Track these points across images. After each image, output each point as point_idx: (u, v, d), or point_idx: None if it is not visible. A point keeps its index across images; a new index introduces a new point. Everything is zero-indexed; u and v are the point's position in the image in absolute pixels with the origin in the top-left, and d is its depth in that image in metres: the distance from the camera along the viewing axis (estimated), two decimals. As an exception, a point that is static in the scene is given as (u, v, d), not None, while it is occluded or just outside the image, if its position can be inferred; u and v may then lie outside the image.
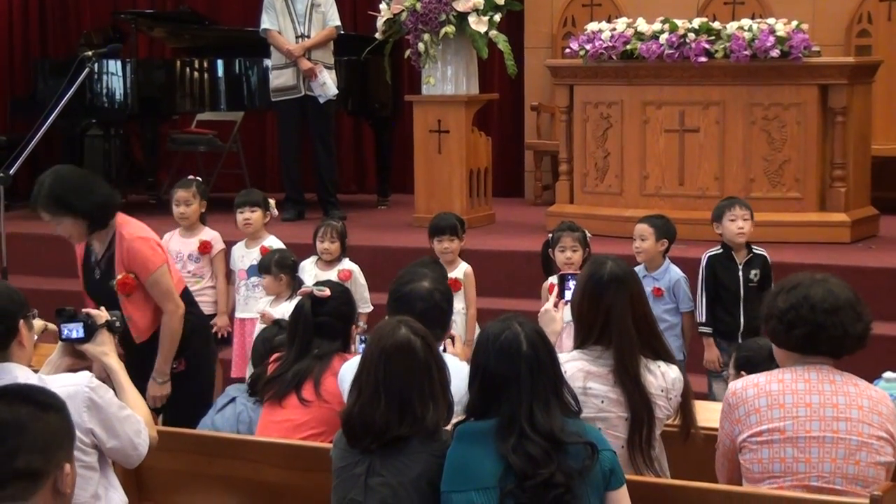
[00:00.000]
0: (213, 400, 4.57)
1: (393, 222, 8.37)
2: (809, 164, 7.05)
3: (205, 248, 6.16)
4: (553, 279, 5.56)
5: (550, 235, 5.64)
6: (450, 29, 7.65)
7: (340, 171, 9.29)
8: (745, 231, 5.56)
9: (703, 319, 5.64)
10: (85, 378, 3.13)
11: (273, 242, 6.11)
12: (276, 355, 4.33)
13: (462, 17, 7.67)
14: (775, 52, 6.87)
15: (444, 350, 3.88)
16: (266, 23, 8.27)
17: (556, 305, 3.88)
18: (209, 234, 6.22)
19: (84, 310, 3.48)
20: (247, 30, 9.18)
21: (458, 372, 3.43)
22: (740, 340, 5.39)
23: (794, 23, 7.03)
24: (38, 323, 3.52)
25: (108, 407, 3.13)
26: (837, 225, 7.06)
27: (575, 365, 3.43)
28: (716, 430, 3.42)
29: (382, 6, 7.95)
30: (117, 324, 3.50)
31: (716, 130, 7.17)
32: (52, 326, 3.69)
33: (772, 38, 6.87)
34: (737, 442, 3.29)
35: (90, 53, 6.43)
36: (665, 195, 7.27)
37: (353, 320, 4.33)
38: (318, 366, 4.00)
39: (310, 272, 5.88)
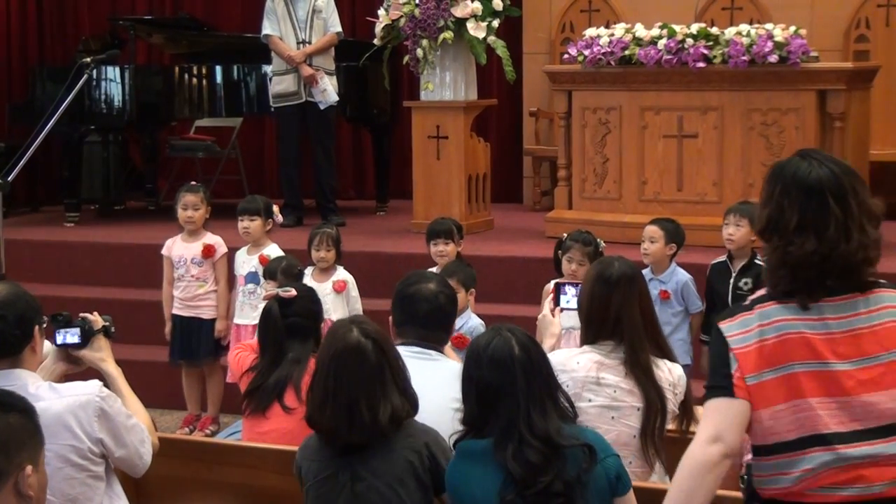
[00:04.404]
0: None
1: (392, 228, 8.36)
2: (808, 170, 7.03)
3: (208, 251, 6.18)
4: (552, 284, 5.56)
5: (565, 236, 5.53)
6: (448, 35, 7.64)
7: (339, 178, 9.28)
8: (735, 238, 5.53)
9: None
10: (96, 388, 3.12)
11: (272, 251, 6.10)
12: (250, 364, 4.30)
13: (460, 23, 7.66)
14: (773, 58, 6.87)
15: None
16: (267, 29, 8.26)
17: (552, 312, 3.92)
18: (212, 238, 6.24)
19: (81, 314, 3.46)
20: (245, 36, 9.19)
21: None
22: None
23: (793, 28, 7.02)
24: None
25: (116, 416, 3.13)
26: (836, 230, 7.04)
27: (588, 357, 3.52)
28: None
29: (381, 12, 7.94)
30: (112, 329, 3.47)
31: (714, 136, 7.16)
32: None
33: (770, 44, 6.86)
34: None
35: (88, 60, 6.42)
36: (663, 200, 7.27)
37: (322, 318, 4.32)
38: (296, 371, 3.98)
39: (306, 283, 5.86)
